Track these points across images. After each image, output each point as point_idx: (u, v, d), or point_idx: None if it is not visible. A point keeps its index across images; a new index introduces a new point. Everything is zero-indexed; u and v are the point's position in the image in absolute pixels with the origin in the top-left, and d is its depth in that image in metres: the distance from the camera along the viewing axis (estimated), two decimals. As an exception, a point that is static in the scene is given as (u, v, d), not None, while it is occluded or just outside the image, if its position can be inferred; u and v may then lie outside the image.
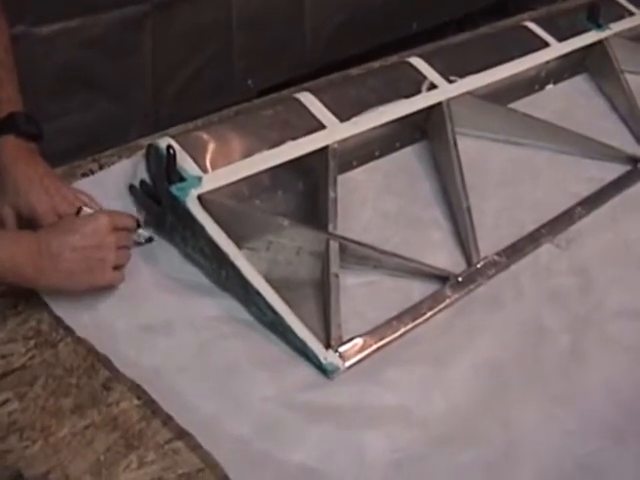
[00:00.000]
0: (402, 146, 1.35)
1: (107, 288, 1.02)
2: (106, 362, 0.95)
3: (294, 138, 1.19)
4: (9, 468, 0.84)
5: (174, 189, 1.08)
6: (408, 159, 1.33)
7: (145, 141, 1.24)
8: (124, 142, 1.32)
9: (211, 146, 1.15)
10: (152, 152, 1.14)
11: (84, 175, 1.22)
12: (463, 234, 1.18)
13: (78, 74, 2.03)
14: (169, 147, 1.09)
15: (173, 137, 1.14)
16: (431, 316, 1.05)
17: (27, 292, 1.02)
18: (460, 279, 1.10)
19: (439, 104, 1.33)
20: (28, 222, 1.03)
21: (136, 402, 0.92)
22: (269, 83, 2.33)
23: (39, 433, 0.87)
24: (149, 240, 1.11)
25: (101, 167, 1.24)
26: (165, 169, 1.09)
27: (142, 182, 1.16)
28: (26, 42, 1.86)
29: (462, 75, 1.39)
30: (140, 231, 1.09)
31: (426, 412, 0.93)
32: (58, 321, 1.00)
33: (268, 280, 1.02)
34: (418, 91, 1.33)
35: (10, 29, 1.28)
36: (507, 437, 0.91)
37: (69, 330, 0.98)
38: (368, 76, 1.43)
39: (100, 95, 2.12)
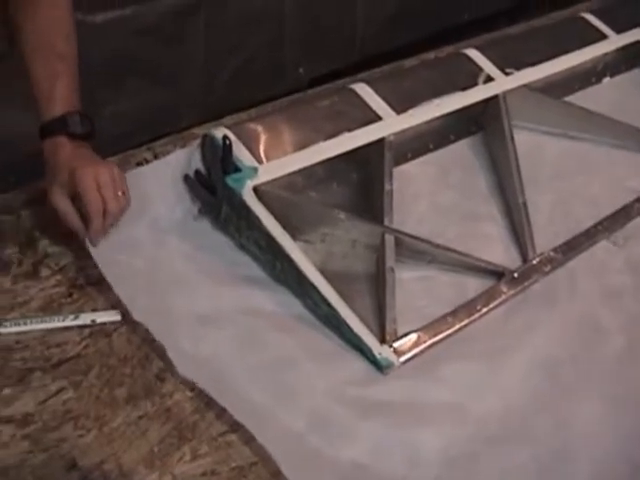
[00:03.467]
0: (457, 139, 1.34)
1: None
2: (160, 351, 0.96)
3: (350, 129, 1.19)
4: (64, 457, 0.85)
5: (230, 180, 1.08)
6: (463, 152, 1.32)
7: (199, 130, 1.24)
8: (175, 129, 1.32)
9: (266, 137, 1.15)
10: (207, 142, 1.14)
11: (139, 164, 1.22)
12: (519, 229, 1.17)
13: (131, 61, 2.05)
14: (225, 137, 1.09)
15: (228, 127, 1.14)
16: (486, 312, 1.04)
17: (82, 280, 1.04)
18: (515, 275, 1.09)
19: (495, 97, 1.32)
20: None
21: (189, 394, 0.92)
22: (320, 71, 2.33)
23: (93, 422, 0.88)
24: None
25: (156, 156, 1.24)
26: (221, 159, 1.09)
27: (197, 172, 1.16)
28: (80, 30, 1.87)
29: (518, 67, 1.38)
30: None
31: (480, 410, 0.92)
32: (113, 308, 1.01)
33: (323, 273, 1.02)
34: (474, 83, 1.32)
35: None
36: (561, 437, 0.91)
37: (125, 317, 0.99)
38: (423, 68, 1.42)
39: (152, 82, 2.13)
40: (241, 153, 1.11)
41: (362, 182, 1.21)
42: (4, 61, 1.15)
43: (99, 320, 0.99)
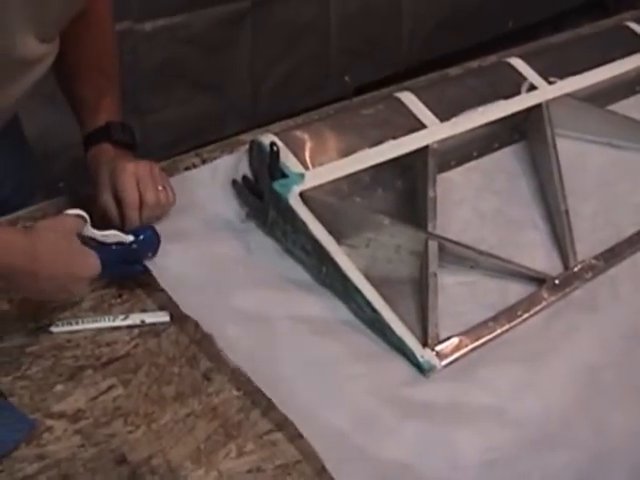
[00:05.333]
0: (500, 147, 1.35)
1: None
2: (208, 351, 0.98)
3: (395, 137, 1.21)
4: (114, 452, 0.87)
5: (277, 185, 1.10)
6: (506, 160, 1.33)
7: (246, 137, 1.27)
8: (221, 136, 1.35)
9: (313, 144, 1.18)
10: (255, 148, 1.17)
11: (186, 169, 1.25)
12: (560, 236, 1.18)
13: (178, 69, 2.09)
14: (272, 144, 1.11)
15: (276, 134, 1.17)
16: (527, 318, 1.05)
17: (132, 282, 1.07)
18: (557, 282, 1.10)
19: (539, 105, 1.33)
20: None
21: (235, 393, 0.94)
22: (366, 80, 2.36)
23: (142, 419, 0.91)
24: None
25: (203, 161, 1.27)
26: (268, 165, 1.12)
27: (244, 177, 1.19)
28: (130, 38, 1.93)
29: (562, 76, 1.38)
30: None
31: (520, 413, 0.93)
32: (161, 309, 1.04)
33: (367, 277, 1.04)
34: (517, 92, 1.33)
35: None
36: (601, 442, 0.91)
37: (173, 318, 1.02)
38: (467, 76, 1.44)
39: (199, 90, 2.18)
40: (288, 159, 1.13)
41: (406, 189, 1.23)
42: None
43: (148, 320, 1.02)
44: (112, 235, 1.04)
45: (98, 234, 1.02)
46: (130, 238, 1.05)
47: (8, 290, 1.01)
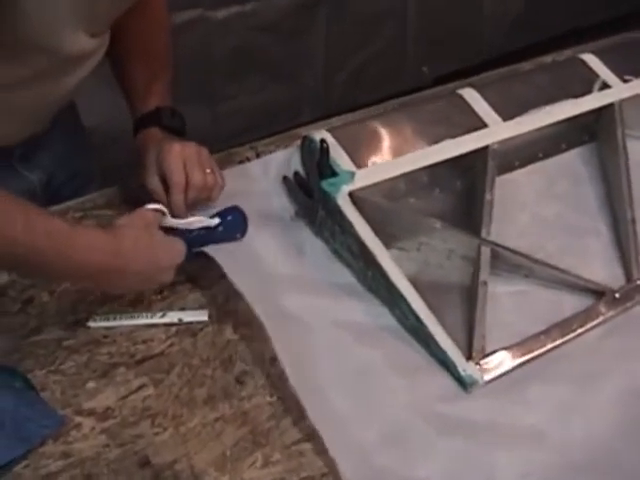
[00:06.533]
0: (569, 148, 1.28)
1: None
2: (245, 349, 0.97)
3: (454, 136, 1.16)
4: (138, 453, 0.86)
5: (325, 184, 1.07)
6: (573, 162, 1.26)
7: (305, 131, 1.24)
8: (295, 124, 1.32)
9: (367, 141, 1.14)
10: (307, 144, 1.14)
11: (240, 162, 1.23)
12: (624, 246, 1.11)
13: (252, 57, 2.08)
14: (322, 141, 1.08)
15: (330, 130, 1.13)
16: (581, 333, 1.00)
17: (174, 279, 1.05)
18: (617, 295, 1.04)
19: (611, 105, 1.26)
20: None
21: (268, 399, 0.92)
22: (445, 70, 2.30)
23: (170, 421, 0.89)
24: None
25: (258, 155, 1.25)
26: (317, 163, 1.09)
27: (296, 174, 1.16)
28: (202, 26, 1.91)
29: (638, 74, 1.31)
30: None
31: (564, 436, 0.88)
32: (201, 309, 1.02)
33: (416, 282, 1.00)
34: (589, 90, 1.26)
35: (185, 13, 1.29)
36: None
37: (211, 318, 1.00)
38: (537, 73, 1.37)
39: (272, 78, 2.16)
40: (339, 157, 1.09)
41: (465, 190, 1.18)
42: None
43: (186, 319, 1.00)
44: (196, 221, 1.03)
45: (181, 222, 1.02)
46: (215, 222, 1.04)
47: (96, 288, 1.01)
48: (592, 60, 1.30)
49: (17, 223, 0.79)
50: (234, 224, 1.06)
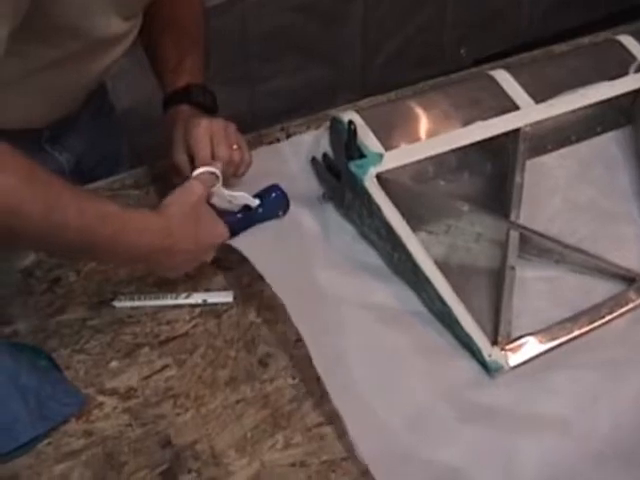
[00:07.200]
0: (604, 131, 1.25)
1: None
2: (269, 331, 0.97)
3: (484, 118, 1.14)
4: (159, 434, 0.86)
5: (353, 166, 1.06)
6: (607, 146, 1.23)
7: (337, 112, 1.23)
8: (333, 107, 1.30)
9: (397, 122, 1.13)
10: (335, 126, 1.13)
11: (270, 143, 1.22)
12: (658, 232, 1.09)
13: (288, 39, 2.07)
14: (350, 122, 1.07)
15: (359, 111, 1.12)
16: (610, 320, 0.98)
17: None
18: (648, 282, 1.02)
19: (647, 88, 1.23)
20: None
21: (290, 381, 0.92)
22: (484, 53, 2.27)
23: (192, 402, 0.89)
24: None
25: (288, 136, 1.24)
26: (345, 144, 1.07)
27: (324, 155, 1.15)
28: (238, 6, 1.91)
29: (676, 56, 1.27)
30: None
31: (588, 426, 0.86)
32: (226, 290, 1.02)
33: (444, 265, 0.99)
34: (625, 72, 1.23)
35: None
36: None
37: (236, 299, 1.00)
38: (571, 55, 1.34)
39: (309, 60, 2.15)
40: (367, 138, 1.08)
41: (495, 173, 1.17)
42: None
43: (210, 300, 1.00)
44: (240, 197, 1.03)
45: (227, 194, 1.01)
46: (256, 202, 1.04)
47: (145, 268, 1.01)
48: (629, 41, 1.27)
49: (69, 208, 0.79)
50: (276, 203, 1.07)
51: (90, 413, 0.88)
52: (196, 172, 0.99)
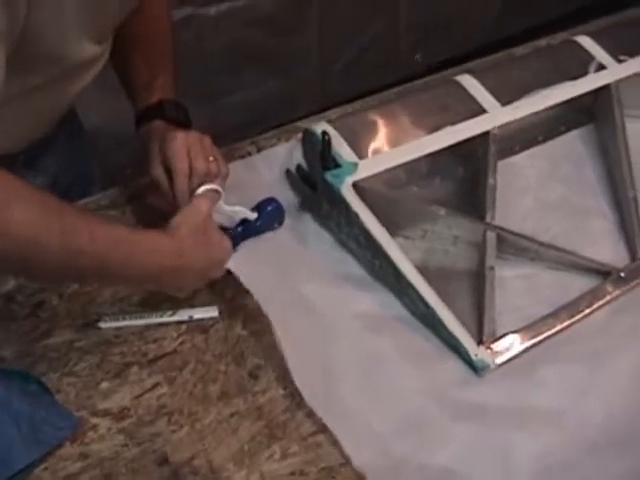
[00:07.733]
0: (568, 130, 1.28)
1: None
2: (257, 343, 0.97)
3: (453, 123, 1.16)
4: (156, 452, 0.86)
5: (329, 176, 1.07)
6: (573, 144, 1.26)
7: (304, 124, 1.24)
8: (292, 119, 1.32)
9: (368, 131, 1.14)
10: (308, 137, 1.14)
11: (241, 157, 1.23)
12: (628, 226, 1.11)
13: (245, 52, 2.08)
14: (324, 133, 1.08)
15: (330, 122, 1.13)
16: (589, 313, 1.00)
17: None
18: (622, 274, 1.04)
19: (607, 86, 1.26)
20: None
21: (282, 392, 0.92)
22: (438, 58, 2.30)
23: (186, 418, 0.90)
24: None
25: (259, 150, 1.25)
26: (320, 155, 1.09)
27: (298, 167, 1.16)
28: (195, 23, 1.91)
29: (632, 54, 1.30)
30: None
31: (580, 416, 0.88)
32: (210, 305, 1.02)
33: (423, 269, 1.01)
34: (585, 72, 1.26)
35: (177, 11, 1.29)
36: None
37: (222, 314, 1.01)
38: (532, 57, 1.36)
39: (267, 73, 2.16)
40: (341, 148, 1.10)
41: (467, 177, 1.18)
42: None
43: (196, 316, 1.00)
44: (240, 211, 1.05)
45: (228, 209, 1.03)
46: (254, 215, 1.06)
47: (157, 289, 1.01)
48: (586, 42, 1.30)
49: (83, 235, 0.79)
50: (272, 215, 1.08)
51: (85, 435, 0.88)
52: (200, 190, 1.00)
